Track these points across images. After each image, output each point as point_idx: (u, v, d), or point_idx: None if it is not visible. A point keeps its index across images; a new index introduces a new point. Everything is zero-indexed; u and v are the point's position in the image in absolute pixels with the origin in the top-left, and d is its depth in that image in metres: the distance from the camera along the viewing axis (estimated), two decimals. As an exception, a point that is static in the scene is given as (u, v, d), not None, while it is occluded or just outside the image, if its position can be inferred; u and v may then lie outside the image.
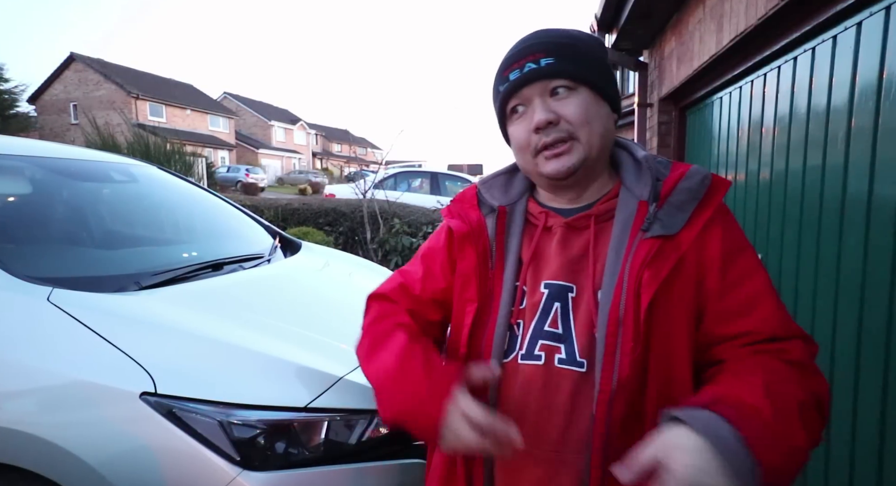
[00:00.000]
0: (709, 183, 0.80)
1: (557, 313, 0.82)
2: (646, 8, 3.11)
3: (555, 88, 0.81)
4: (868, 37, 1.41)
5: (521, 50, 0.83)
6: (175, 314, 1.42)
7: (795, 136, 1.81)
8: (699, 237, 0.78)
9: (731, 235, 0.80)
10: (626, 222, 0.81)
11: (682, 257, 0.77)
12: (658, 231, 0.77)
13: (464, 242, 0.89)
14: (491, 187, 0.94)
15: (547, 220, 0.87)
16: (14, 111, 22.39)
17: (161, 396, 1.16)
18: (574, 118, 0.80)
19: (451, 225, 0.91)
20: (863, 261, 1.40)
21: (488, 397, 0.83)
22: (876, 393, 1.35)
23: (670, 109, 3.56)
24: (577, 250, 0.84)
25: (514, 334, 0.84)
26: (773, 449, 0.63)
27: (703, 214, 0.79)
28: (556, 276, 0.83)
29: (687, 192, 0.79)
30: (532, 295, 0.84)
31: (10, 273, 1.37)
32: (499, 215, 0.89)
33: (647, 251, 0.76)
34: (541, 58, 0.80)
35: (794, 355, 0.75)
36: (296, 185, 29.82)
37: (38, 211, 1.87)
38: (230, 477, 1.13)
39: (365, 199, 6.19)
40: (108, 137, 8.25)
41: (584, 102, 0.80)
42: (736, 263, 0.79)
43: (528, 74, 0.81)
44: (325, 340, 1.50)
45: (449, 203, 0.97)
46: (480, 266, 0.87)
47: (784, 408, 0.67)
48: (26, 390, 1.20)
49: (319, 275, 2.23)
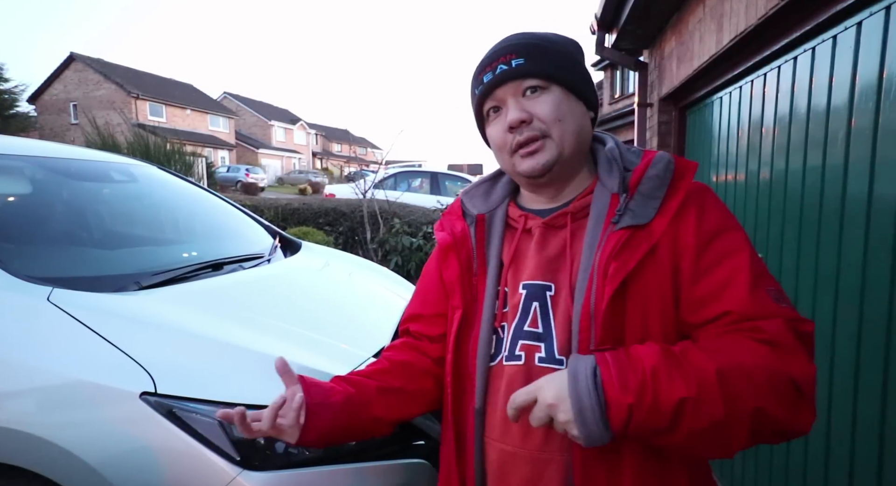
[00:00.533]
0: (673, 168, 0.81)
1: (536, 312, 0.83)
2: (645, 8, 3.10)
3: (527, 88, 0.82)
4: (868, 37, 1.41)
5: (493, 53, 0.85)
6: (175, 314, 1.42)
7: (795, 136, 1.81)
8: (672, 223, 0.77)
9: (708, 217, 0.79)
10: (600, 217, 0.81)
11: (656, 245, 0.77)
12: (628, 222, 0.77)
13: (447, 252, 0.92)
14: (472, 196, 0.97)
15: (526, 222, 0.89)
16: (14, 111, 22.41)
17: (161, 396, 1.16)
18: (546, 116, 0.81)
19: (437, 238, 0.95)
20: (862, 261, 1.40)
21: (475, 401, 0.85)
22: (876, 393, 1.35)
23: (670, 108, 3.56)
24: (555, 248, 0.85)
25: (499, 336, 0.85)
26: (628, 390, 0.65)
27: (673, 199, 0.78)
28: (533, 276, 0.84)
29: (655, 179, 0.79)
30: (512, 297, 0.85)
31: (9, 273, 1.37)
32: (477, 223, 0.91)
33: (615, 243, 0.76)
34: (512, 59, 0.82)
35: (768, 334, 0.71)
36: (296, 185, 29.82)
37: (38, 211, 1.87)
38: (230, 477, 1.13)
39: (365, 199, 6.19)
40: (108, 136, 8.26)
41: (556, 101, 0.82)
42: (712, 245, 0.77)
43: (500, 76, 0.83)
44: (325, 340, 1.50)
45: (441, 216, 1.00)
46: (463, 274, 0.89)
47: (685, 363, 0.67)
48: (26, 390, 1.20)
49: (319, 275, 2.23)
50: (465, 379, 0.87)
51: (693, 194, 0.80)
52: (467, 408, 0.87)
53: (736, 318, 0.73)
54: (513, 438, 0.82)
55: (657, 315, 0.77)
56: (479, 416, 0.85)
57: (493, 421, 0.84)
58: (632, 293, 0.76)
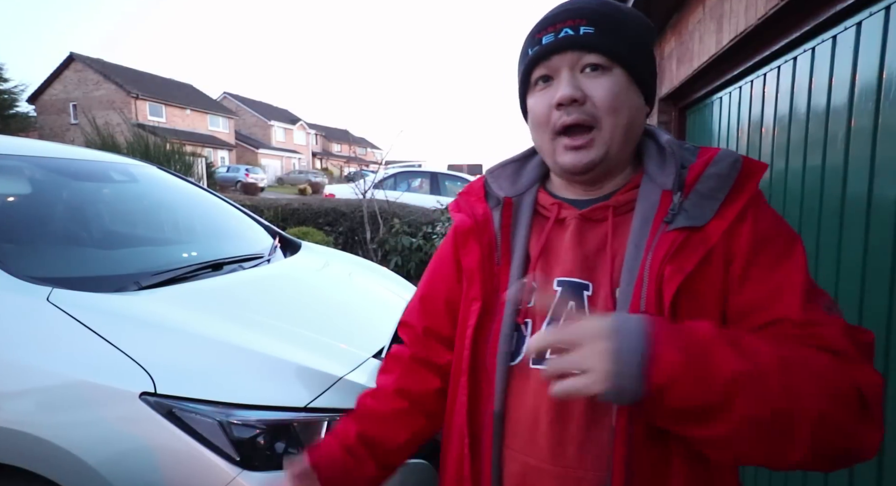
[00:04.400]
0: (740, 167, 0.71)
1: (572, 312, 0.74)
2: (645, 8, 3.10)
3: (588, 64, 0.72)
4: (868, 37, 1.41)
5: (561, 12, 0.74)
6: (175, 314, 1.42)
7: (795, 136, 1.81)
8: (730, 229, 0.69)
9: (764, 223, 0.71)
10: (648, 214, 0.73)
11: (711, 250, 0.68)
12: (683, 223, 0.69)
13: (467, 237, 0.82)
14: (498, 177, 0.86)
15: (559, 212, 0.79)
16: (14, 111, 22.41)
17: (161, 396, 1.16)
18: (602, 102, 0.71)
19: (455, 220, 0.85)
20: (862, 261, 1.40)
21: (493, 404, 0.75)
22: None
23: (670, 109, 3.56)
24: (593, 244, 0.76)
25: (521, 334, 0.76)
26: (677, 348, 0.56)
27: (735, 202, 0.70)
28: (570, 272, 0.75)
29: (716, 178, 0.70)
30: (543, 293, 0.76)
31: (9, 273, 1.37)
32: (504, 207, 0.82)
33: (670, 244, 0.68)
34: (581, 25, 0.71)
35: (827, 341, 0.62)
36: (295, 185, 29.82)
37: (38, 211, 1.87)
38: (230, 477, 1.13)
39: (365, 199, 6.19)
40: (107, 137, 8.27)
41: (617, 87, 0.72)
42: (764, 251, 0.69)
43: (562, 40, 0.72)
44: (325, 340, 1.50)
45: (457, 196, 0.90)
46: (485, 262, 0.80)
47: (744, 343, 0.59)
48: (26, 390, 1.20)
49: (319, 275, 2.23)
50: (482, 379, 0.77)
51: (753, 200, 0.72)
52: (484, 412, 0.77)
53: (791, 325, 0.65)
54: (539, 450, 0.71)
55: (714, 320, 0.68)
56: (499, 421, 0.75)
57: (516, 429, 0.74)
58: (683, 300, 0.67)
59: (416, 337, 0.92)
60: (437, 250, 0.94)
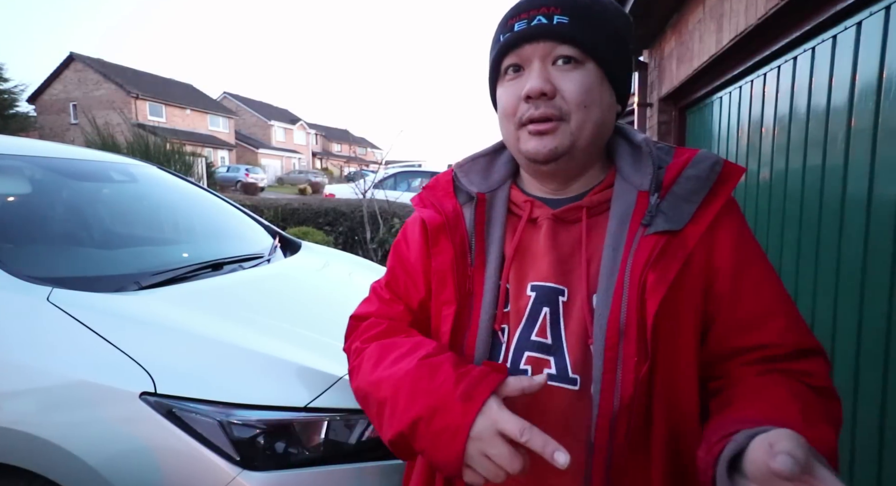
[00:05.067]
0: (719, 170, 0.69)
1: (546, 320, 0.71)
2: (646, 8, 3.11)
3: (561, 56, 0.68)
4: (868, 37, 1.41)
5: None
6: (175, 314, 1.42)
7: (795, 136, 1.81)
8: (707, 234, 0.68)
9: (745, 234, 0.71)
10: (624, 216, 0.70)
11: (689, 256, 0.67)
12: (662, 226, 0.67)
13: (438, 234, 0.77)
14: (469, 172, 0.82)
15: (532, 210, 0.76)
16: (14, 111, 22.39)
17: (161, 396, 1.16)
18: (571, 97, 0.68)
19: (422, 216, 0.79)
20: (862, 261, 1.40)
21: None
22: (876, 394, 1.35)
23: (670, 108, 3.56)
24: (568, 246, 0.73)
25: (497, 340, 0.73)
26: None
27: (712, 206, 0.68)
28: (544, 276, 0.72)
29: (694, 180, 0.68)
30: (517, 298, 0.73)
31: (9, 273, 1.37)
32: (477, 204, 0.77)
33: (652, 249, 0.66)
34: (555, 14, 0.68)
35: (819, 380, 0.66)
36: (295, 185, 29.84)
37: (37, 211, 1.87)
38: (230, 477, 1.13)
39: (365, 199, 6.19)
40: (107, 136, 8.28)
41: (588, 82, 0.68)
42: (751, 267, 0.69)
43: (534, 29, 0.68)
44: (326, 340, 1.50)
45: (420, 191, 0.85)
46: (458, 262, 0.75)
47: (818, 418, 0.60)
48: (26, 390, 1.20)
49: (319, 275, 2.23)
50: None
51: (729, 205, 0.70)
52: None
53: (784, 353, 0.67)
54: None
55: (689, 335, 0.68)
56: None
57: None
58: (666, 308, 0.65)
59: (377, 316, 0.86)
60: (398, 249, 0.88)
